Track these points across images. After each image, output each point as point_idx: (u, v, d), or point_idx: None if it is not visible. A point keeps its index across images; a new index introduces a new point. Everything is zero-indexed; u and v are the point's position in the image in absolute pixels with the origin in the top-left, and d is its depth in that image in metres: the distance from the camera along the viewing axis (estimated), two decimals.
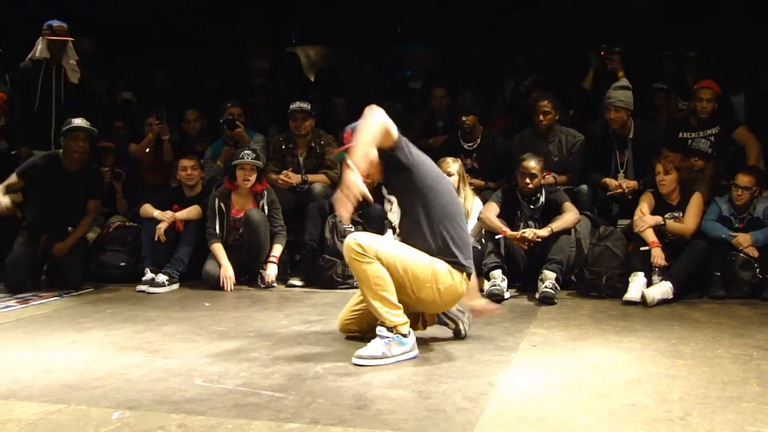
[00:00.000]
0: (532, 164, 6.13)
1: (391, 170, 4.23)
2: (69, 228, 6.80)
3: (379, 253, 4.05)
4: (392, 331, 4.08)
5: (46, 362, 4.21)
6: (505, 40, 9.35)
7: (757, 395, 3.48)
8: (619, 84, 6.99)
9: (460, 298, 4.31)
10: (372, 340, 4.12)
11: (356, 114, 4.19)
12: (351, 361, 4.04)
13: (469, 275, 4.30)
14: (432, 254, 4.18)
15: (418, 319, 4.50)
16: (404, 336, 4.11)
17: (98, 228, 7.38)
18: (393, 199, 4.10)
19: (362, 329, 4.49)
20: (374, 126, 4.00)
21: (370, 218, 6.70)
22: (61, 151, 6.74)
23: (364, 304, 4.25)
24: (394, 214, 4.00)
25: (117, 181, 7.71)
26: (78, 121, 6.64)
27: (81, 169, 6.76)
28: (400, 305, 4.11)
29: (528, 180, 6.13)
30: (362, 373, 3.87)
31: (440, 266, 4.17)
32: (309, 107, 7.24)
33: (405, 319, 4.13)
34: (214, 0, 10.47)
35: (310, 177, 7.18)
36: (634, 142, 6.84)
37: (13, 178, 6.69)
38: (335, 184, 6.90)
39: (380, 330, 4.09)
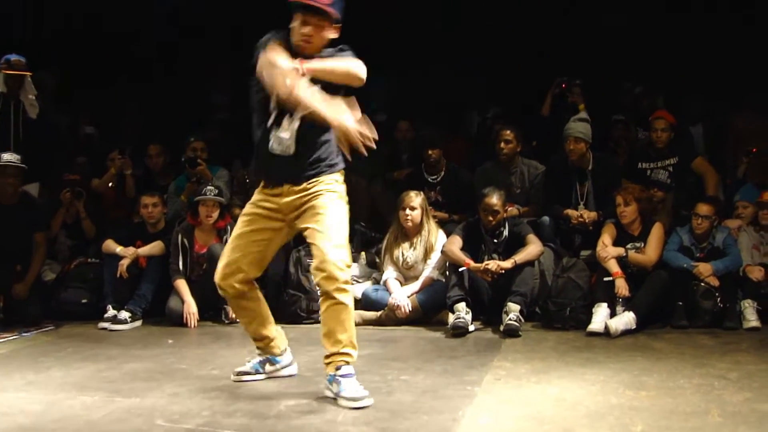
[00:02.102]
0: (494, 200, 6.16)
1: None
2: (18, 267, 6.68)
3: None
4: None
5: (3, 405, 4.13)
6: (467, 71, 9.41)
7: (719, 426, 3.51)
8: (579, 116, 7.07)
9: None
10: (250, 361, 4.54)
11: None
12: (231, 378, 4.48)
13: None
14: (327, 156, 4.17)
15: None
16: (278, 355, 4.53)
17: (58, 265, 7.30)
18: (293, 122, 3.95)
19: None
20: (348, 71, 4.04)
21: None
22: None
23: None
24: (287, 132, 3.85)
25: (78, 199, 7.52)
26: (6, 156, 6.58)
27: (18, 202, 6.68)
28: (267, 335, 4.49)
29: (490, 217, 6.16)
30: (325, 411, 3.85)
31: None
32: None
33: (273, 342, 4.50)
34: (174, 34, 10.43)
35: None
36: (594, 173, 6.90)
37: None
38: None
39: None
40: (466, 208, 7.02)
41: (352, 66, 4.06)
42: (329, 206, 4.11)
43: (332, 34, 4.09)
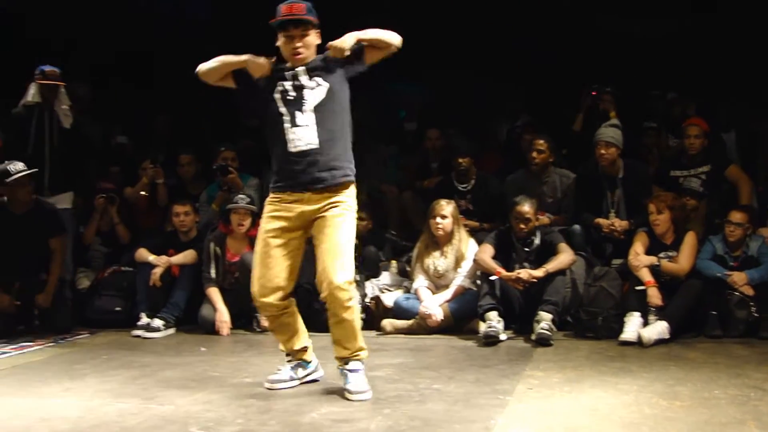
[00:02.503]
0: (526, 208, 6.16)
1: (341, 74, 4.35)
2: (42, 275, 6.71)
3: None
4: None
5: (41, 410, 4.20)
6: (498, 79, 9.42)
7: None
8: (610, 123, 7.06)
9: None
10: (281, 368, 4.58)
11: None
12: (265, 386, 4.50)
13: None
14: (344, 155, 4.34)
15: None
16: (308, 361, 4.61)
17: (92, 273, 7.39)
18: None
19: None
20: (384, 35, 4.25)
21: (365, 260, 6.74)
22: (5, 198, 6.66)
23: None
24: (306, 128, 4.10)
25: (111, 205, 7.60)
26: (20, 167, 6.55)
27: (31, 209, 6.69)
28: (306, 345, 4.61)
29: (522, 225, 6.16)
30: (359, 420, 3.86)
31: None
32: None
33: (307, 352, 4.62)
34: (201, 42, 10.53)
35: None
36: (624, 181, 6.87)
37: None
38: None
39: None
40: (496, 216, 7.03)
41: (397, 40, 4.29)
42: (341, 222, 4.27)
43: (318, 40, 4.31)
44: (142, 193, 7.86)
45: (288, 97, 4.29)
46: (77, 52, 9.05)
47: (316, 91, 4.28)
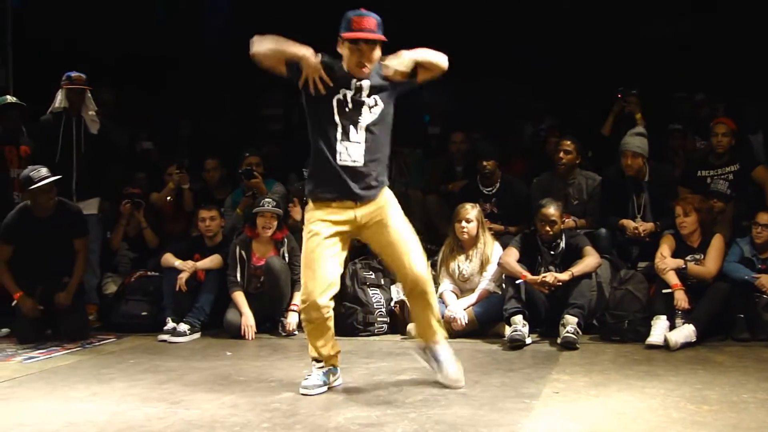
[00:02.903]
0: (552, 211, 6.13)
1: (392, 93, 4.48)
2: (65, 278, 6.72)
3: None
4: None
5: (69, 415, 4.24)
6: (521, 82, 9.40)
7: None
8: (636, 131, 6.96)
9: None
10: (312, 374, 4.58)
11: None
12: (299, 392, 4.48)
13: None
14: (383, 171, 4.51)
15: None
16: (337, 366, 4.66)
17: (119, 278, 7.44)
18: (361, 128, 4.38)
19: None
20: (437, 58, 4.40)
21: None
22: (29, 202, 6.65)
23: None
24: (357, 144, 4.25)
25: (138, 210, 7.65)
26: (43, 172, 6.49)
27: (54, 212, 6.67)
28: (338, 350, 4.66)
29: (548, 227, 6.13)
30: (385, 424, 3.86)
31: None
32: None
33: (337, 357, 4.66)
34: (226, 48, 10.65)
35: None
36: (650, 185, 6.83)
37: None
38: None
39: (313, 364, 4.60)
40: (521, 219, 7.00)
41: (444, 63, 4.46)
42: (395, 221, 4.49)
43: (379, 54, 4.38)
44: (168, 198, 7.91)
45: (345, 109, 4.37)
46: (93, 58, 9.12)
47: (373, 110, 4.41)
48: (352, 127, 4.36)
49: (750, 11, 9.02)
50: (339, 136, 4.36)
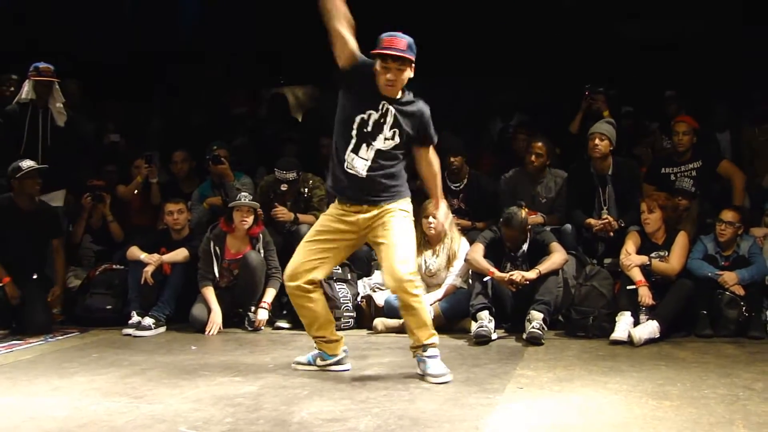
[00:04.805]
0: (510, 230, 6.15)
1: (411, 139, 4.73)
2: (34, 276, 6.73)
3: None
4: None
5: (29, 409, 4.19)
6: (491, 76, 9.41)
7: None
8: (605, 119, 7.06)
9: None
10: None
11: None
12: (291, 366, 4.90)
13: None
14: (394, 180, 4.69)
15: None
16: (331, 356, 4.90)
17: (83, 271, 7.37)
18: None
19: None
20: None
21: (356, 259, 6.72)
22: (12, 193, 6.71)
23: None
24: (362, 161, 4.52)
25: (100, 203, 7.60)
26: (30, 163, 6.65)
27: (36, 208, 6.73)
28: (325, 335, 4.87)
29: (509, 243, 6.21)
30: (348, 419, 3.86)
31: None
32: (294, 176, 7.15)
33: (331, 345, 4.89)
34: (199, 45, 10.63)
35: (301, 217, 7.12)
36: (614, 178, 6.88)
37: None
38: None
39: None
40: (489, 215, 7.01)
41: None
42: (399, 224, 4.64)
43: (411, 74, 4.57)
44: (135, 191, 7.84)
45: (364, 129, 4.58)
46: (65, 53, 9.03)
47: (387, 142, 4.61)
48: (364, 144, 4.57)
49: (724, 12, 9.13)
50: (351, 147, 4.58)
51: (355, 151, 4.58)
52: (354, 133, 4.57)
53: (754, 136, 8.11)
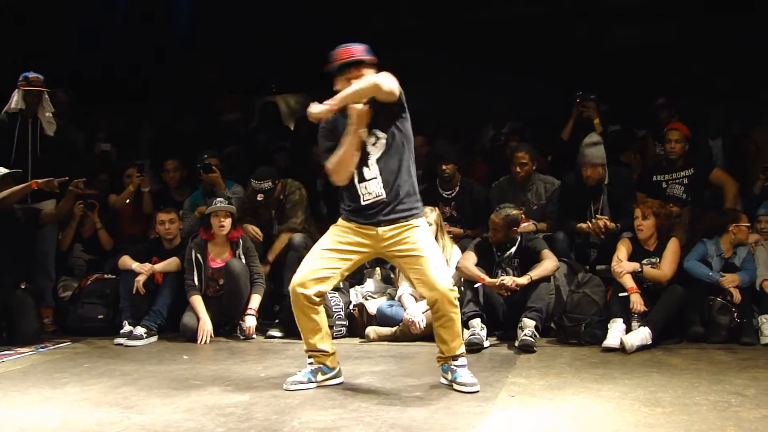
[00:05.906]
0: (493, 218, 6.19)
1: (385, 114, 4.49)
2: (22, 284, 6.74)
3: None
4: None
5: (20, 420, 4.17)
6: (483, 84, 9.42)
7: None
8: (591, 140, 6.88)
9: None
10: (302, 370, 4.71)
11: None
12: (284, 388, 4.59)
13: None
14: (410, 192, 4.59)
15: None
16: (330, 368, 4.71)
17: (74, 281, 7.35)
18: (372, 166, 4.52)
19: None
20: (362, 85, 4.33)
21: None
22: None
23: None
24: (372, 182, 4.42)
25: (91, 211, 7.57)
26: (2, 170, 6.67)
27: (14, 210, 6.76)
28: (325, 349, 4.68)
29: (491, 233, 6.23)
30: (340, 428, 3.85)
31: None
32: (269, 185, 7.13)
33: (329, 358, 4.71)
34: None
35: (277, 242, 7.17)
36: (610, 187, 6.87)
37: None
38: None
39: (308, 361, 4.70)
40: (480, 223, 7.00)
41: (372, 79, 4.34)
42: (423, 236, 4.57)
43: (373, 72, 4.44)
44: (127, 200, 7.82)
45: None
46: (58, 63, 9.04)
47: (376, 145, 4.52)
48: (365, 168, 4.50)
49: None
50: (356, 179, 4.52)
51: (361, 177, 4.52)
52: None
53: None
